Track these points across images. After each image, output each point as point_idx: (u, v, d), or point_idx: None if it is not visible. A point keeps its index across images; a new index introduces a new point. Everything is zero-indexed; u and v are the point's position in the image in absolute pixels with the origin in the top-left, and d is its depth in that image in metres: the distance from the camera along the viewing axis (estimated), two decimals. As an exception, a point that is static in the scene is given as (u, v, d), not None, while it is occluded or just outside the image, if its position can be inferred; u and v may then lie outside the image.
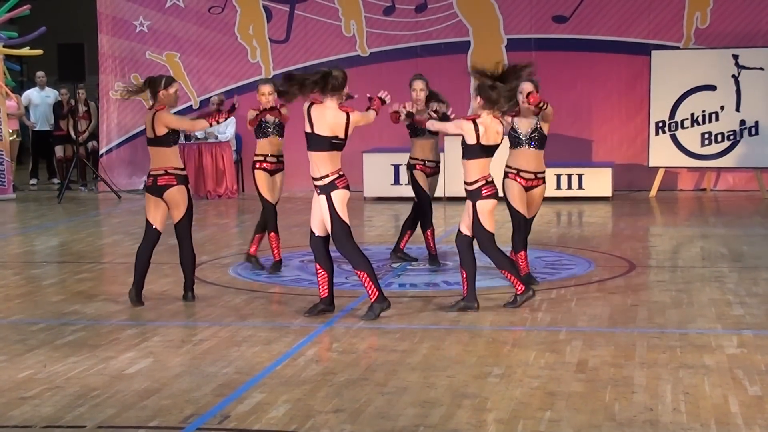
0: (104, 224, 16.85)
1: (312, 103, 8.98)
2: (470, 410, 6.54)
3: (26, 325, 9.19)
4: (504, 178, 10.42)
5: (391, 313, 9.37)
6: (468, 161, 9.46)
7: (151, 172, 9.94)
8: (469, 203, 9.52)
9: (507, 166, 10.49)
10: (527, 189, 10.41)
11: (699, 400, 6.71)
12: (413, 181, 11.99)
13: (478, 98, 9.36)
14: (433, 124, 10.09)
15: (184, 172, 10.00)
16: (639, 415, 6.41)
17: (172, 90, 9.94)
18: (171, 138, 9.91)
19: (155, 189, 9.85)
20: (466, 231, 9.54)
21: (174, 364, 7.78)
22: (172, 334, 8.75)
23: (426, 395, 6.89)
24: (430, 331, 8.71)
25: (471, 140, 9.33)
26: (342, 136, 8.99)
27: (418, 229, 11.97)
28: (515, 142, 10.42)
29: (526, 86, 10.07)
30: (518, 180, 10.36)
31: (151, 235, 9.96)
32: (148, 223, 9.96)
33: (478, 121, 9.31)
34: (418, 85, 11.71)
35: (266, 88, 11.39)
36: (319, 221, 9.19)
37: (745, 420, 6.28)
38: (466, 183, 9.51)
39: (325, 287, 9.23)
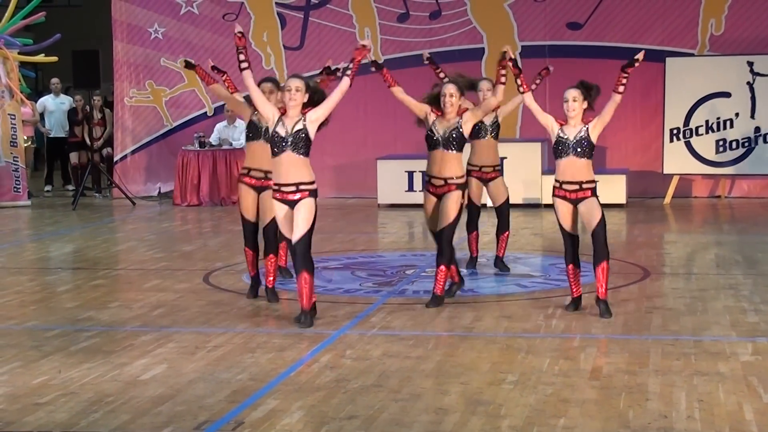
0: (119, 231, 16.88)
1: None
2: (484, 417, 6.54)
3: (41, 331, 9.22)
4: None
5: (404, 320, 9.39)
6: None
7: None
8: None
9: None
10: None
11: (713, 407, 6.70)
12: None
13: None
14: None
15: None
16: (653, 422, 6.40)
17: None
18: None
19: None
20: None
21: (188, 370, 7.79)
22: (187, 340, 8.76)
23: (440, 402, 6.89)
24: (444, 338, 8.72)
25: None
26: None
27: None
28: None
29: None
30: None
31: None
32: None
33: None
34: (485, 85, 11.56)
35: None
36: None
37: (759, 428, 6.27)
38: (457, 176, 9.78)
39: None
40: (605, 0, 19.67)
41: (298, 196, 9.01)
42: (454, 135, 9.86)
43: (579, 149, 9.48)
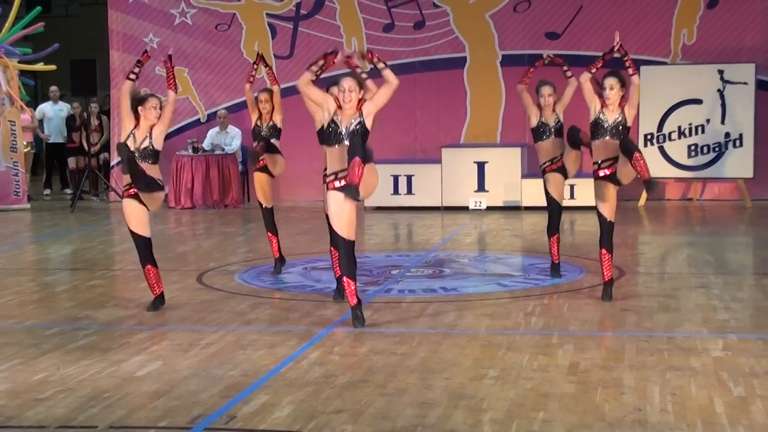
0: (115, 233, 16.83)
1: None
2: (467, 411, 6.55)
3: (40, 330, 9.20)
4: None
5: (390, 318, 9.40)
6: None
7: None
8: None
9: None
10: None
11: (685, 401, 6.72)
12: (544, 186, 11.67)
13: None
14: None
15: None
16: (628, 415, 6.41)
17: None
18: None
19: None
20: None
21: (182, 367, 7.79)
22: (181, 338, 8.76)
23: (424, 396, 6.89)
24: (428, 335, 8.73)
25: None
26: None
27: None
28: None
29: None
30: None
31: None
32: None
33: None
34: (546, 90, 11.57)
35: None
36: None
37: (730, 420, 6.29)
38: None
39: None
40: (582, 11, 19.72)
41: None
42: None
43: (614, 132, 10.17)
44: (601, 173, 10.17)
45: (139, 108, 9.68)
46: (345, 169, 8.85)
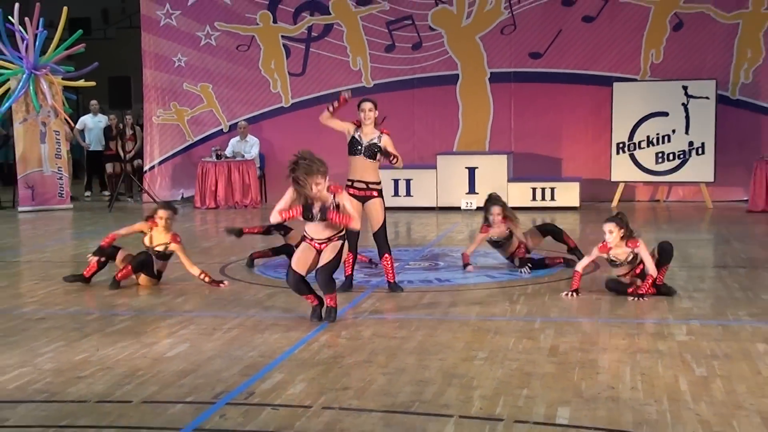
0: (148, 230, 16.80)
1: None
2: (459, 388, 6.54)
3: (82, 315, 9.20)
4: None
5: (391, 306, 9.40)
6: None
7: None
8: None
9: None
10: None
11: (653, 379, 6.70)
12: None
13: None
14: None
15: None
16: (602, 392, 6.40)
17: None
18: None
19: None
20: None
21: (207, 348, 7.79)
22: (205, 323, 8.75)
23: (421, 375, 6.88)
24: (425, 321, 8.71)
25: None
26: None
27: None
28: None
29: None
30: None
31: None
32: None
33: None
34: (495, 210, 11.48)
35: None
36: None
37: (692, 397, 6.28)
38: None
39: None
40: (561, 33, 19.72)
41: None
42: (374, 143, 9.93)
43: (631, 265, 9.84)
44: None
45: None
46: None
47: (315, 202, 8.47)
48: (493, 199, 11.60)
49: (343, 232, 8.69)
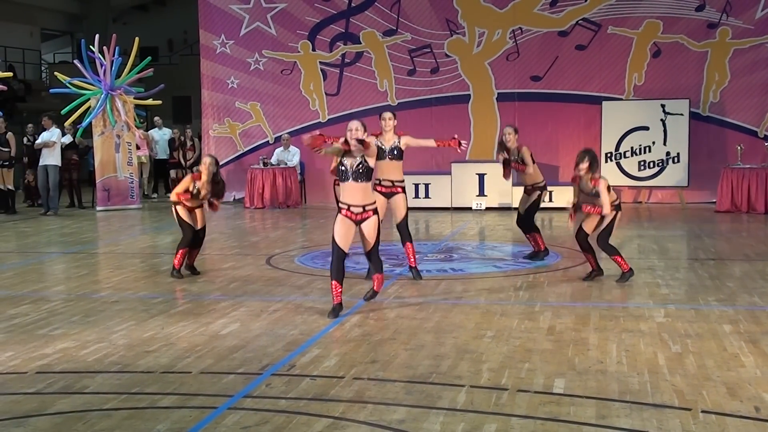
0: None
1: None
2: (470, 362, 6.53)
3: (149, 299, 9.25)
4: None
5: (412, 291, 9.39)
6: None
7: None
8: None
9: None
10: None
11: (636, 355, 6.68)
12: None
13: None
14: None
15: None
16: (593, 366, 6.38)
17: None
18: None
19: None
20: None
21: (255, 327, 7.80)
22: (254, 306, 8.77)
23: (438, 351, 6.88)
24: (441, 305, 8.71)
25: None
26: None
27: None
28: None
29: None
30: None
31: None
32: None
33: None
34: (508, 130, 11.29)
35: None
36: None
37: (669, 370, 6.25)
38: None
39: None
40: (558, 59, 19.65)
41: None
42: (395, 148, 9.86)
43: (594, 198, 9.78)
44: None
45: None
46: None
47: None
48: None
49: (375, 204, 8.32)
